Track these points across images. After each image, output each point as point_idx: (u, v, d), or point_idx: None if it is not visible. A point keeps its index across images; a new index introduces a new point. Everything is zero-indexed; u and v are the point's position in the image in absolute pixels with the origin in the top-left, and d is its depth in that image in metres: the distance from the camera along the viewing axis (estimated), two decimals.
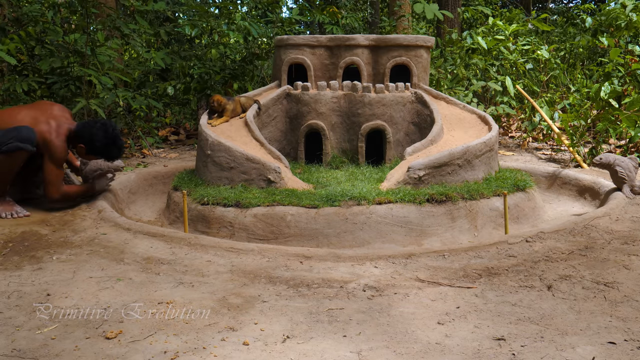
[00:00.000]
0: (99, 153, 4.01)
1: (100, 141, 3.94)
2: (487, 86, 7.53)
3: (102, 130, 3.95)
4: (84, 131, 3.94)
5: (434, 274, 2.93)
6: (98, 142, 3.94)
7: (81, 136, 3.94)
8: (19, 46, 5.65)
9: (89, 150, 3.97)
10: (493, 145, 4.42)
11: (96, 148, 3.96)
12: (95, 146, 3.95)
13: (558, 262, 3.07)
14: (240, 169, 4.17)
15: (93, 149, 3.96)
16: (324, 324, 2.35)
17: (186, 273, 2.93)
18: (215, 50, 8.04)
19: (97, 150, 3.97)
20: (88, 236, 3.49)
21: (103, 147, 3.97)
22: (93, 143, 3.94)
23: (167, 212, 4.35)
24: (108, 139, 3.97)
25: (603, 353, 2.08)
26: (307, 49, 5.26)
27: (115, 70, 6.56)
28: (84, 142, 3.95)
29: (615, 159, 4.30)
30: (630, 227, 3.64)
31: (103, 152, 4.00)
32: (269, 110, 5.11)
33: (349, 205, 3.79)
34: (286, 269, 3.00)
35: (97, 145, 3.95)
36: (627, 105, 5.93)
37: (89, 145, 3.95)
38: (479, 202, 3.95)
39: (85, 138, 3.94)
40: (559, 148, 6.63)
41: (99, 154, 4.01)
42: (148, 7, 7.04)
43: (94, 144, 3.94)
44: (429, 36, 5.38)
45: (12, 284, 2.77)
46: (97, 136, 3.93)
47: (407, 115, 5.12)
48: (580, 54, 9.90)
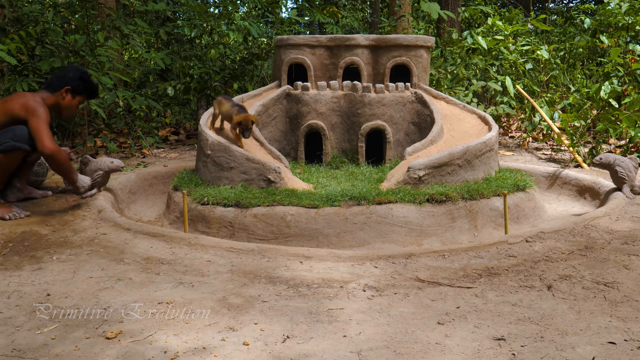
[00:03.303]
0: (83, 84, 4.03)
1: (80, 75, 4.01)
2: (487, 86, 7.53)
3: (71, 66, 4.12)
4: (59, 77, 3.99)
5: (434, 274, 2.93)
6: (77, 72, 4.00)
7: (59, 82, 3.97)
8: (19, 46, 5.65)
9: (74, 88, 3.99)
10: (493, 145, 4.42)
11: (80, 78, 4.01)
12: (78, 77, 4.00)
13: (558, 262, 3.07)
14: (240, 169, 4.17)
15: (77, 83, 4.00)
16: (324, 324, 2.35)
17: (186, 273, 2.93)
18: (214, 51, 8.04)
19: (81, 81, 4.01)
20: (88, 236, 3.49)
21: (85, 76, 4.04)
22: (74, 76, 3.98)
23: (167, 212, 4.35)
24: (81, 69, 4.09)
25: (603, 353, 2.08)
26: (307, 49, 5.26)
27: (115, 70, 6.56)
28: (66, 83, 3.97)
29: (615, 159, 4.30)
30: (630, 227, 3.64)
31: (86, 80, 4.05)
32: (269, 110, 5.11)
33: (349, 205, 3.79)
34: (286, 269, 3.00)
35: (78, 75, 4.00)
36: (627, 105, 5.93)
37: (72, 81, 3.98)
38: (479, 202, 3.95)
39: (65, 79, 3.97)
40: (559, 148, 6.63)
41: (84, 86, 4.04)
42: (148, 7, 7.04)
43: (75, 76, 3.99)
44: (429, 36, 5.38)
45: (12, 284, 2.77)
46: (71, 70, 4.02)
47: (407, 115, 5.12)
48: (580, 54, 9.90)
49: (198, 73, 7.61)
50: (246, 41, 9.00)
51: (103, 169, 4.26)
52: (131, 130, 6.85)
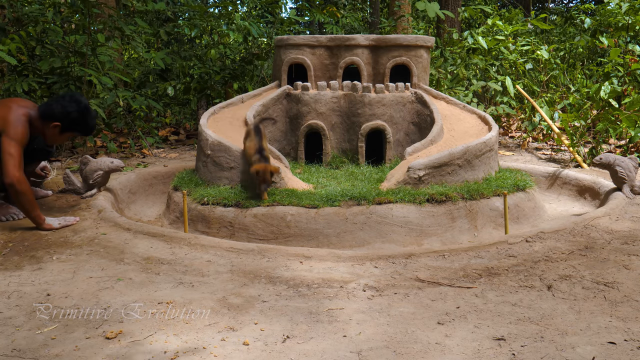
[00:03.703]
0: (75, 126, 3.76)
1: (75, 112, 3.72)
2: (487, 86, 7.53)
3: (73, 101, 3.73)
4: (53, 108, 3.70)
5: (434, 274, 2.93)
6: (73, 113, 3.71)
7: (51, 114, 3.70)
8: (20, 46, 5.65)
9: (64, 126, 3.74)
10: (493, 145, 4.42)
11: (73, 120, 3.73)
12: (72, 118, 3.72)
13: (558, 262, 3.07)
14: (241, 169, 4.16)
15: (69, 123, 3.73)
16: (324, 324, 2.35)
17: (186, 273, 2.93)
18: (214, 51, 8.05)
19: (73, 123, 3.74)
20: (88, 236, 3.49)
21: (80, 118, 3.75)
22: (68, 116, 3.70)
23: (167, 212, 4.35)
24: (82, 108, 3.75)
25: (603, 353, 2.08)
26: (307, 49, 5.26)
27: (116, 70, 6.56)
28: (57, 119, 3.70)
29: (615, 159, 4.30)
30: (630, 227, 3.64)
31: (80, 123, 3.76)
32: (269, 110, 5.11)
33: (349, 205, 3.79)
34: (286, 269, 3.00)
35: (73, 117, 3.72)
36: (627, 105, 5.93)
37: (64, 120, 3.71)
38: (479, 202, 3.95)
39: (56, 114, 3.69)
40: (559, 148, 6.63)
41: (75, 127, 3.77)
42: (148, 7, 7.04)
43: (69, 116, 3.71)
44: (428, 36, 5.38)
45: (12, 284, 2.77)
46: (70, 108, 3.71)
47: (407, 115, 5.12)
48: (580, 54, 9.90)
49: (198, 73, 7.61)
50: (246, 41, 9.00)
51: (103, 169, 4.26)
52: (131, 130, 6.86)
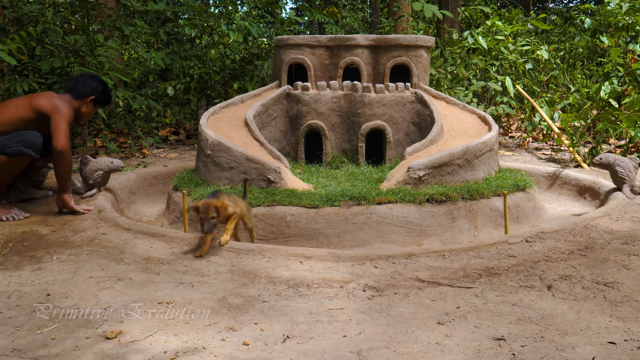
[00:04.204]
0: (105, 95, 4.19)
1: (100, 84, 4.15)
2: (487, 86, 7.53)
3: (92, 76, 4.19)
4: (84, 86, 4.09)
5: (434, 274, 2.93)
6: (100, 85, 4.14)
7: (84, 92, 4.08)
8: (20, 46, 5.65)
9: (97, 98, 4.13)
10: (493, 145, 4.42)
11: (102, 91, 4.15)
12: (101, 89, 4.14)
13: (558, 262, 3.07)
14: (240, 169, 4.17)
15: (100, 93, 4.14)
16: (324, 324, 2.35)
17: (186, 273, 2.93)
18: (214, 51, 8.05)
19: (104, 92, 4.17)
20: (88, 236, 3.49)
21: (106, 88, 4.20)
22: (97, 88, 4.12)
23: (167, 212, 4.35)
24: (102, 80, 4.23)
25: (603, 353, 2.08)
26: (307, 49, 5.26)
27: (115, 70, 6.56)
28: (91, 94, 4.09)
29: (615, 159, 4.30)
30: (630, 227, 3.64)
31: (107, 92, 4.21)
32: (269, 110, 5.11)
33: (349, 205, 3.79)
34: (286, 269, 2.99)
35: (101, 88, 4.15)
36: (627, 105, 5.93)
37: (96, 92, 4.11)
38: (479, 202, 3.95)
39: (89, 90, 4.09)
40: (559, 148, 6.63)
41: (104, 96, 4.19)
42: (148, 7, 7.04)
43: (98, 88, 4.12)
44: (428, 36, 5.38)
45: (12, 284, 2.77)
46: (94, 81, 4.15)
47: (407, 115, 5.12)
48: (579, 54, 9.90)
49: (198, 73, 7.61)
50: (246, 41, 9.00)
51: (103, 169, 4.26)
52: (131, 130, 6.85)
